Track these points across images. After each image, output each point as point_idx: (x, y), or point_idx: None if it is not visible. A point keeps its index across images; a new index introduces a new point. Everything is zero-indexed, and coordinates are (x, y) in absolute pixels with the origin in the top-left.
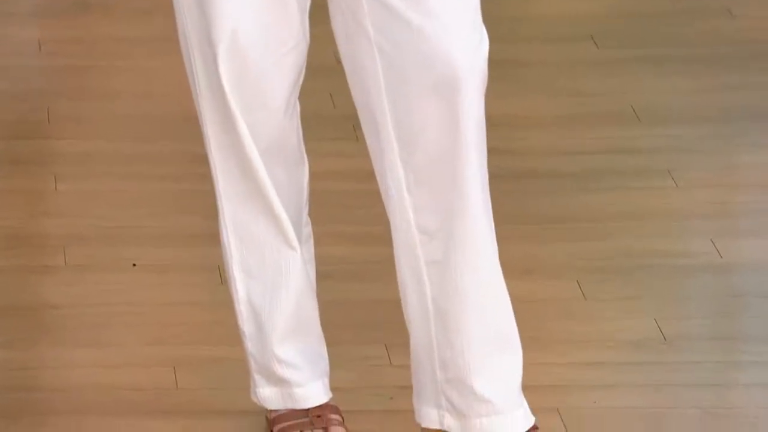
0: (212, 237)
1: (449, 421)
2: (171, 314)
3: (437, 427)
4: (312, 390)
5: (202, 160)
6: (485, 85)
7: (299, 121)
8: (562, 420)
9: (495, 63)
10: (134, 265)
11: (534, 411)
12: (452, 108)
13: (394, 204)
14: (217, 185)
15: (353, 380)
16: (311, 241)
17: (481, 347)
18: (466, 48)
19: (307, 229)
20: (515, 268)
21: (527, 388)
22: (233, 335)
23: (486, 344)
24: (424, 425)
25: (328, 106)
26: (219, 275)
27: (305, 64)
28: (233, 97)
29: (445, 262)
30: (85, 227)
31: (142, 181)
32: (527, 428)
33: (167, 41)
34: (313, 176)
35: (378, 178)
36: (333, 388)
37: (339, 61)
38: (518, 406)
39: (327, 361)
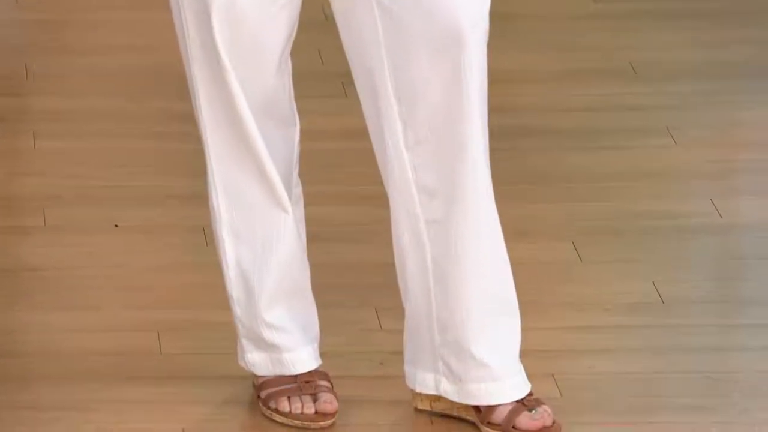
0: (197, 197)
1: (445, 386)
2: (154, 277)
3: (432, 392)
4: (301, 355)
5: (187, 117)
6: (487, 40)
7: (290, 79)
8: (557, 386)
9: (489, 16)
10: (116, 226)
11: (528, 377)
12: (456, 64)
13: (392, 163)
14: (206, 144)
15: (343, 345)
16: (301, 203)
17: (481, 309)
18: (470, 2)
19: (298, 190)
20: (509, 230)
21: (521, 353)
22: (219, 298)
23: (486, 306)
24: (418, 390)
25: (316, 62)
26: (204, 236)
27: (298, 19)
28: (226, 53)
29: (445, 221)
30: (66, 187)
31: (125, 139)
32: (524, 395)
33: None
34: (302, 135)
35: (372, 137)
36: (322, 354)
37: (327, 17)
38: (516, 372)
39: (317, 327)
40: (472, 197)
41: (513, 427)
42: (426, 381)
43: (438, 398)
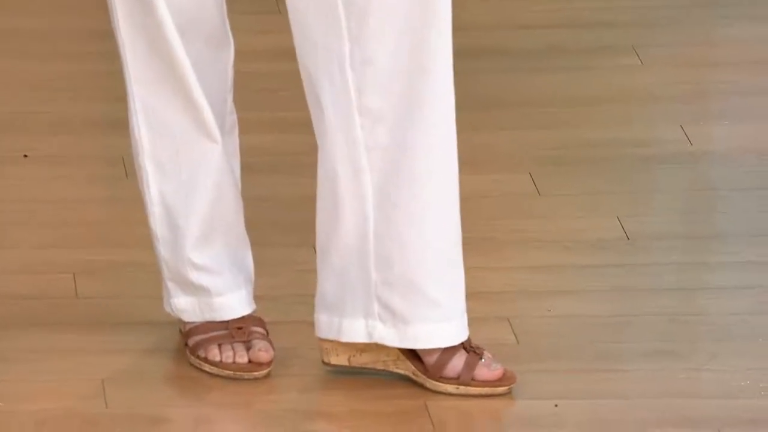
0: (116, 124)
1: (381, 331)
2: (69, 213)
3: (363, 340)
4: (233, 300)
5: (106, 35)
6: None
7: None
8: (512, 331)
9: None
10: (25, 156)
11: (481, 321)
12: None
13: (331, 84)
14: (125, 66)
15: (278, 287)
16: (236, 132)
17: (437, 242)
18: None
19: (232, 118)
20: (461, 160)
21: (473, 295)
22: (142, 237)
23: (441, 239)
24: (344, 340)
25: None
26: (124, 168)
27: None
28: None
29: (394, 146)
30: None
31: (36, 61)
32: (463, 340)
33: None
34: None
35: (303, 58)
36: (256, 297)
37: None
38: (463, 313)
39: (251, 268)
40: (431, 121)
41: (472, 380)
42: (355, 329)
43: (361, 351)
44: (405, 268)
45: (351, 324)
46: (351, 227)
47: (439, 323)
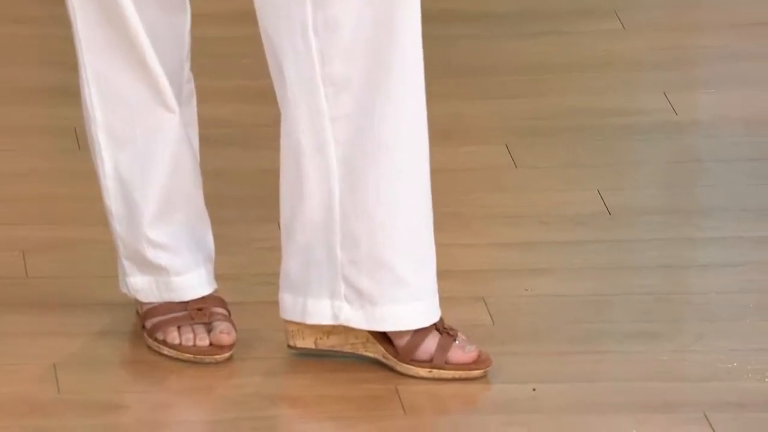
0: (68, 93)
1: (348, 312)
2: (17, 187)
3: (328, 322)
4: (192, 279)
5: None
6: None
7: None
8: (488, 311)
9: None
10: None
11: (454, 300)
12: None
13: (294, 51)
14: (76, 32)
15: (240, 266)
16: (194, 101)
17: (405, 218)
18: None
19: (189, 87)
20: (433, 131)
21: (445, 274)
22: (96, 213)
23: (410, 215)
24: (309, 322)
25: None
26: (77, 140)
27: None
28: None
29: (360, 117)
30: None
31: None
32: (435, 321)
33: None
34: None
35: (266, 22)
36: (217, 276)
37: None
38: (434, 293)
39: (211, 245)
40: (399, 90)
41: (446, 363)
42: (320, 310)
43: (328, 333)
44: (372, 245)
45: (316, 305)
46: (316, 203)
47: (409, 303)
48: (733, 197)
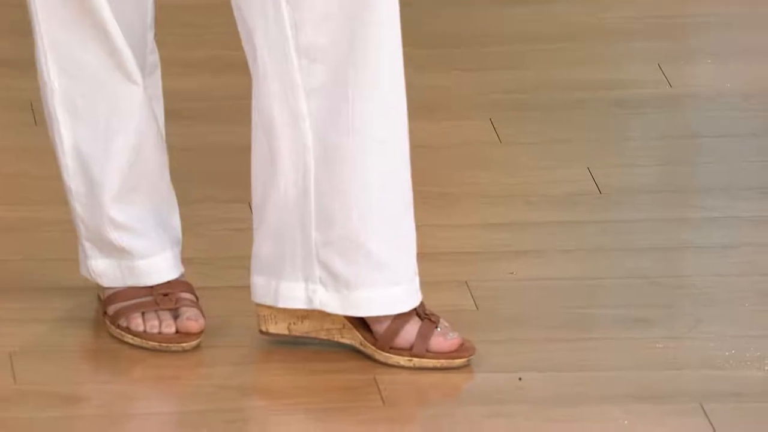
0: (24, 64)
1: (322, 296)
2: None
3: (303, 306)
4: (158, 263)
5: None
6: None
7: None
8: (471, 295)
9: None
10: None
11: (436, 284)
12: None
13: (265, 20)
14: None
15: (209, 249)
16: (158, 72)
17: (383, 198)
18: None
19: (153, 58)
20: (412, 105)
21: (426, 256)
22: (55, 192)
23: (389, 195)
24: (281, 305)
25: None
26: (32, 115)
27: None
28: None
29: (336, 90)
30: None
31: None
32: (415, 306)
33: None
34: None
35: None
36: (184, 260)
37: None
38: (414, 276)
39: (178, 227)
40: (376, 61)
41: (427, 351)
42: (293, 293)
43: (302, 318)
44: (348, 226)
45: (289, 288)
46: (290, 181)
47: (387, 288)
48: (731, 175)
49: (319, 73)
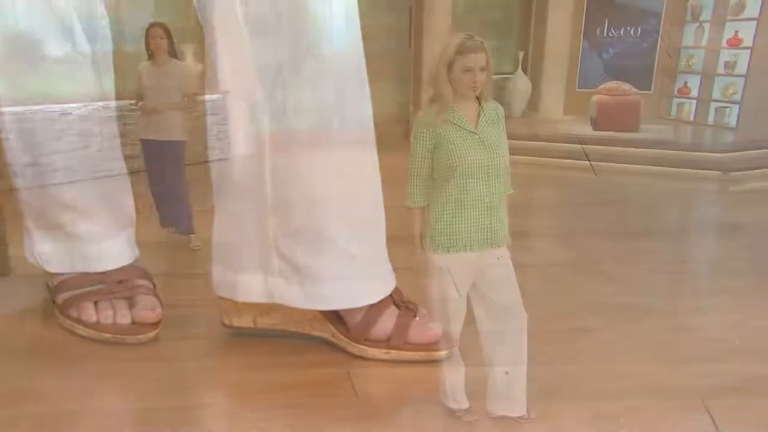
0: None
1: (283, 290)
2: None
3: (262, 300)
4: (111, 247)
5: None
6: None
7: None
8: (453, 281)
9: None
10: None
11: (413, 269)
12: None
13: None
14: None
15: (168, 232)
16: (109, 42)
17: (346, 180)
18: None
19: (104, 24)
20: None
21: (401, 238)
22: None
23: (353, 175)
24: (242, 300)
25: None
26: None
27: None
28: None
29: (288, 64)
30: None
31: None
32: (387, 294)
33: None
34: None
35: None
36: (139, 243)
37: None
38: (384, 261)
39: (132, 209)
40: (328, 34)
41: (405, 342)
42: (252, 287)
43: (268, 310)
44: (309, 215)
45: (247, 281)
46: (245, 164)
47: (355, 279)
48: None
49: (269, 47)
